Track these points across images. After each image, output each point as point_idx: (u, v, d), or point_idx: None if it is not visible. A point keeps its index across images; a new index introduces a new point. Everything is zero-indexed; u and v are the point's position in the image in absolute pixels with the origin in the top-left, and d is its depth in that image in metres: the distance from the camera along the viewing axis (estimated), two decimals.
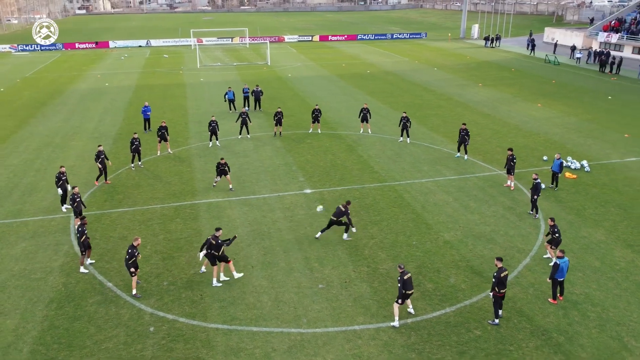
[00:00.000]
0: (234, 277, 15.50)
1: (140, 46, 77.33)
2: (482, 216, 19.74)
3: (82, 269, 16.01)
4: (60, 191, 19.99)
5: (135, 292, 14.79)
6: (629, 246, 17.56)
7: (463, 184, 22.81)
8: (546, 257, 16.66)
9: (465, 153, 25.74)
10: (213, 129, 27.51)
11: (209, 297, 14.83)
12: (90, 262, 16.42)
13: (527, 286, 15.25)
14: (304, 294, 14.99)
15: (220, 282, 15.34)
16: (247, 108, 33.47)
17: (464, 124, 25.63)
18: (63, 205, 20.25)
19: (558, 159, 21.58)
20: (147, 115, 30.80)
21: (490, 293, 13.71)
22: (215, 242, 14.74)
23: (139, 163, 24.95)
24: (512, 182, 22.25)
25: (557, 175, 21.94)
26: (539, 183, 19.19)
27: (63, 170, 20.26)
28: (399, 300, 13.43)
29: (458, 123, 31.39)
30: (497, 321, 13.57)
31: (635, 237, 18.19)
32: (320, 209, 19.02)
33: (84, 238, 15.65)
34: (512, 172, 21.91)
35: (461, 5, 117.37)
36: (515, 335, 13.23)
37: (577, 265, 16.25)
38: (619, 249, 17.35)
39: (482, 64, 57.56)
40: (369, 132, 30.27)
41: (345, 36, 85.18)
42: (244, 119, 28.91)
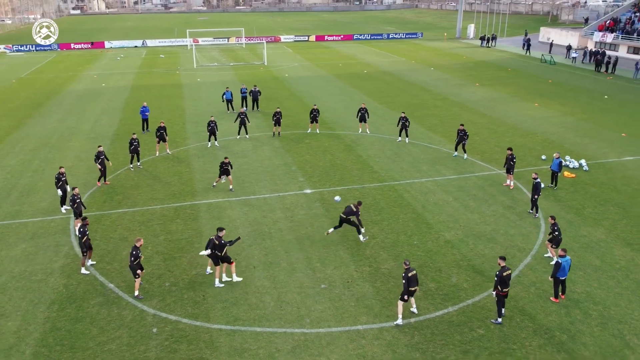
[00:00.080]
0: (233, 279, 15.43)
1: (136, 46, 77.07)
2: (482, 215, 19.79)
3: (83, 270, 15.94)
4: (60, 192, 19.85)
5: (137, 294, 14.74)
6: (629, 245, 17.66)
7: (462, 183, 22.87)
8: (547, 256, 16.73)
9: (464, 152, 25.81)
10: (212, 129, 27.44)
11: (211, 297, 14.80)
12: (91, 263, 16.35)
13: (529, 285, 15.31)
14: (306, 294, 14.99)
15: (223, 283, 15.31)
16: (245, 108, 33.42)
17: (462, 125, 25.72)
18: (62, 206, 20.13)
19: (557, 158, 21.67)
20: (146, 115, 30.67)
21: (493, 292, 13.76)
22: (219, 243, 14.71)
23: (138, 164, 24.86)
24: (511, 182, 22.33)
25: (557, 175, 22.03)
26: (539, 183, 19.25)
27: (62, 170, 20.10)
28: (404, 296, 13.46)
29: (456, 123, 31.43)
30: (499, 320, 13.61)
31: (634, 235, 18.29)
32: (337, 198, 19.22)
33: (85, 239, 15.58)
34: (511, 172, 22.00)
35: (456, 5, 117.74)
36: (518, 334, 13.27)
37: (578, 264, 16.32)
38: (618, 248, 17.44)
39: (479, 63, 57.72)
40: (367, 132, 30.29)
41: (342, 36, 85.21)
42: (243, 119, 28.86)
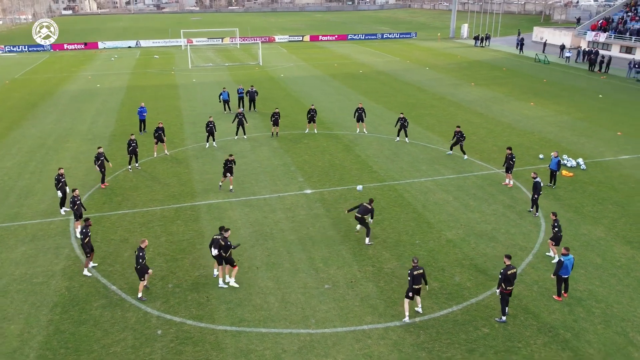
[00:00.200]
0: (230, 283, 15.26)
1: (130, 47, 76.65)
2: (482, 214, 19.87)
3: (86, 272, 15.84)
4: (59, 194, 19.69)
5: (141, 295, 14.66)
6: (629, 242, 17.80)
7: (462, 182, 22.94)
8: (548, 255, 16.81)
9: (464, 153, 25.84)
10: (210, 129, 27.34)
11: (215, 299, 14.76)
12: (92, 265, 16.24)
13: (532, 284, 15.39)
14: (310, 294, 14.98)
15: (226, 284, 15.27)
16: (242, 109, 33.36)
17: (458, 127, 25.80)
18: (62, 208, 19.97)
19: (555, 157, 21.79)
20: (143, 116, 30.50)
21: (497, 290, 13.82)
22: (225, 243, 14.65)
23: (136, 164, 24.75)
24: (510, 181, 22.44)
25: (555, 173, 22.15)
26: (539, 182, 19.34)
27: (62, 172, 19.89)
28: (408, 293, 13.55)
29: (453, 122, 31.62)
30: (504, 318, 13.68)
31: (634, 233, 18.44)
32: (359, 188, 20.48)
33: (87, 240, 15.47)
34: (510, 171, 22.10)
35: (449, 5, 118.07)
36: (523, 332, 13.34)
37: (579, 262, 16.40)
38: (618, 246, 17.58)
39: (473, 63, 57.94)
40: (364, 131, 30.32)
41: (336, 36, 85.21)
42: (241, 120, 28.78)
